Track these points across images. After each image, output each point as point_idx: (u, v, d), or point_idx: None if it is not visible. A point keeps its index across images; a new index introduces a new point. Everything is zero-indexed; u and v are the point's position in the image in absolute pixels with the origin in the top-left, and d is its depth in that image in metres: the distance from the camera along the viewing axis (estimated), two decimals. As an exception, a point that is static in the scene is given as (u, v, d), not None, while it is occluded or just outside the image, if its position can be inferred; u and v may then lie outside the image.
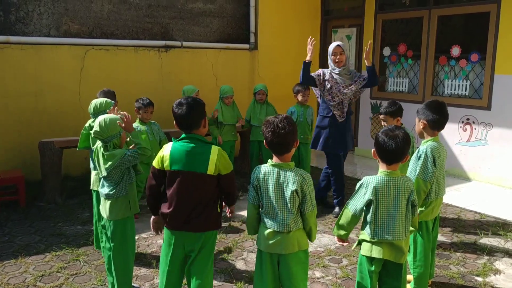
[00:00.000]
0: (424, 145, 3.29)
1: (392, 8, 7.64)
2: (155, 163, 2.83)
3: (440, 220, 5.01)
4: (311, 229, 2.67)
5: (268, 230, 2.64)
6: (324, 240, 4.51)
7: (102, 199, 3.32)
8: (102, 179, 3.30)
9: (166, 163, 2.76)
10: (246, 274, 3.78)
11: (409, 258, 3.38)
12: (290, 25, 8.29)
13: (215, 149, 2.74)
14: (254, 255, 4.13)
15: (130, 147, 3.31)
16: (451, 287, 3.63)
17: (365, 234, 2.78)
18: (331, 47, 5.07)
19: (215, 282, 3.65)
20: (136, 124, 5.13)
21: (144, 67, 6.85)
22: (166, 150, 2.79)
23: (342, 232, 2.87)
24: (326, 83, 5.03)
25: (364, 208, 2.76)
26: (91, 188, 3.99)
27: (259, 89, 6.11)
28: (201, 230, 2.80)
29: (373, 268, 2.77)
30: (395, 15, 7.62)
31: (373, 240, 2.73)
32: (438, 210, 3.46)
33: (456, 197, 5.89)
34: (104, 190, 3.26)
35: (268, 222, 2.64)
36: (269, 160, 2.68)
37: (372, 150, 2.81)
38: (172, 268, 2.88)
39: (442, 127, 3.39)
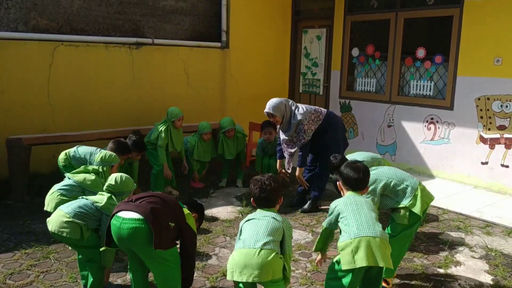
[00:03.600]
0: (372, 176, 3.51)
1: (361, 10, 7.84)
2: None
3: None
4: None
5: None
6: (294, 235, 4.61)
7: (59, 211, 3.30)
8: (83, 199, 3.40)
9: None
10: (219, 269, 3.85)
11: None
12: (261, 24, 8.38)
13: None
14: (225, 251, 4.20)
15: None
16: (415, 278, 3.79)
17: (344, 241, 2.78)
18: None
19: (187, 277, 3.70)
20: None
21: (115, 64, 6.79)
22: None
23: (320, 246, 3.16)
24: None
25: (338, 221, 2.96)
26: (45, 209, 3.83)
27: (228, 128, 6.03)
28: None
29: (351, 279, 2.79)
30: (364, 17, 7.82)
31: (353, 242, 2.73)
32: (427, 200, 3.53)
33: (420, 193, 6.11)
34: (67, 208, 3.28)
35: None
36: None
37: (338, 183, 3.14)
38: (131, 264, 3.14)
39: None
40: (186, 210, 3.15)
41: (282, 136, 5.28)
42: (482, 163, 6.41)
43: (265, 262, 2.61)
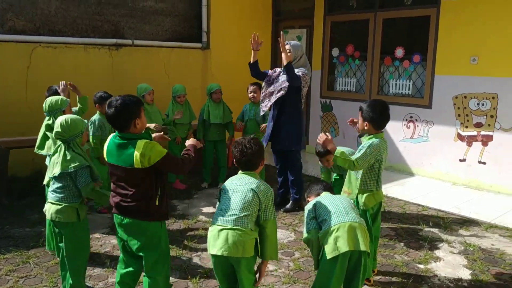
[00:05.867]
0: (368, 141, 3.47)
1: (340, 11, 7.91)
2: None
3: (386, 212, 5.29)
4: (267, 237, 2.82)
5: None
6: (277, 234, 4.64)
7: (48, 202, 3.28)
8: (52, 180, 3.27)
9: (105, 155, 2.90)
10: (201, 270, 3.84)
11: None
12: (242, 25, 8.38)
13: (140, 142, 2.76)
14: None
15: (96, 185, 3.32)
16: (396, 274, 3.85)
17: (325, 229, 2.89)
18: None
19: (170, 279, 3.68)
20: (97, 117, 5.20)
21: (94, 66, 6.72)
22: (106, 142, 2.93)
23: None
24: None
25: (314, 219, 3.01)
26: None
27: (216, 88, 6.13)
28: (137, 218, 2.85)
29: (337, 267, 2.85)
30: (343, 17, 7.89)
31: (334, 230, 2.84)
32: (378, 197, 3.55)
33: (400, 191, 6.20)
34: (52, 195, 3.24)
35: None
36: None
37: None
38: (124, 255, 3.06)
39: (384, 127, 3.59)
40: (140, 146, 2.74)
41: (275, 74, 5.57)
42: (460, 160, 6.53)
43: (236, 239, 2.67)
